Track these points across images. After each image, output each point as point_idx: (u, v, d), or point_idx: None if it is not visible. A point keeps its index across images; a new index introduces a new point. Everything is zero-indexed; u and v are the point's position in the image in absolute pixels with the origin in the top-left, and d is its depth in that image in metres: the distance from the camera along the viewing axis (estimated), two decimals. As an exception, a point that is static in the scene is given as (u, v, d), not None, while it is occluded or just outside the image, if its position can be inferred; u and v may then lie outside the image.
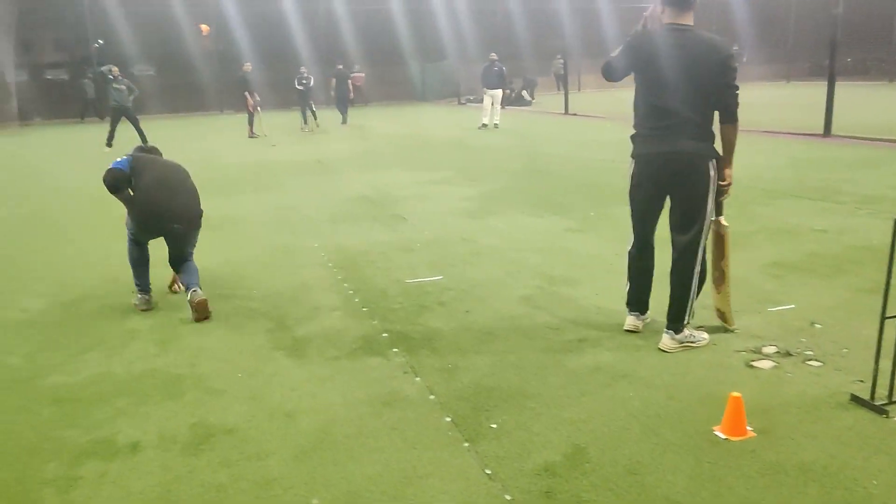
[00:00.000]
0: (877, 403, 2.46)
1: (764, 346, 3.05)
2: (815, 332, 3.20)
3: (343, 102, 16.84)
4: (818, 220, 5.32)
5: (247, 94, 14.05)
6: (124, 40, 21.76)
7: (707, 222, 2.97)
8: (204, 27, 23.64)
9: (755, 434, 2.33)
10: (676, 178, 2.94)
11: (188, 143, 14.11)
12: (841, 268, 4.13)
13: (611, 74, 3.05)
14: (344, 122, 16.83)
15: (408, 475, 2.20)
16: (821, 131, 10.17)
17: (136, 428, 2.58)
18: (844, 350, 2.98)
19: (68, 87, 22.62)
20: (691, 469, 2.16)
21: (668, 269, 3.06)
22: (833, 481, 2.08)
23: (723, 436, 2.33)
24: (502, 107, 15.15)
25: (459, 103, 24.03)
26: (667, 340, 3.02)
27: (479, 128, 14.34)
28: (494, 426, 2.46)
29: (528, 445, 2.32)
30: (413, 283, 4.12)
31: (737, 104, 2.87)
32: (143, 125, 12.96)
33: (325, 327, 3.49)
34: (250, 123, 14.25)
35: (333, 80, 17.03)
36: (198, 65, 23.21)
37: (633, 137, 3.07)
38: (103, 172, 3.70)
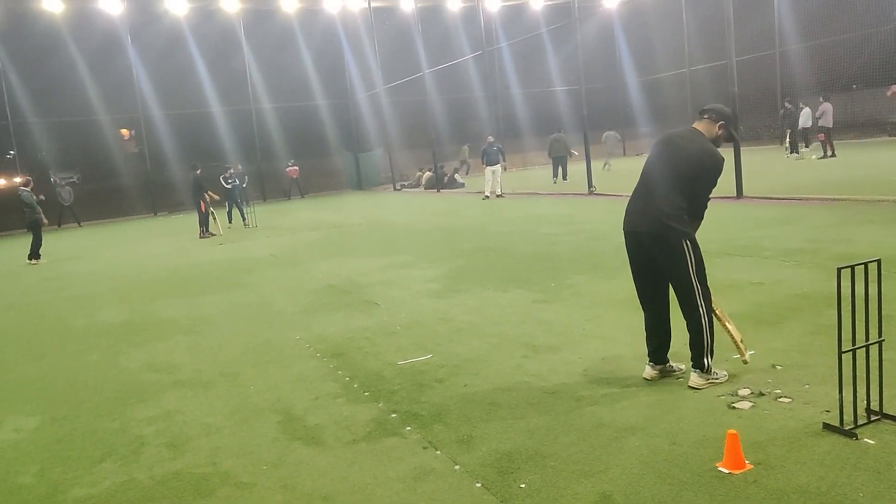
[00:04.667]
0: (846, 428, 2.84)
1: (738, 388, 3.42)
2: (778, 372, 3.61)
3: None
4: (753, 273, 5.95)
5: (206, 194, 13.92)
6: (44, 147, 21.75)
7: None
8: (124, 131, 24.29)
9: (752, 466, 2.63)
10: None
11: (130, 246, 13.83)
12: (783, 315, 4.65)
13: None
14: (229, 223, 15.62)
15: (456, 542, 2.33)
16: (734, 194, 11.33)
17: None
18: (806, 386, 3.39)
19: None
20: None
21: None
22: (827, 499, 2.39)
23: (726, 470, 2.62)
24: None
25: (395, 189, 24.84)
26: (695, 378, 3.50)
27: (483, 199, 16.25)
28: (523, 486, 2.64)
29: (560, 499, 2.52)
30: (406, 364, 4.30)
31: None
32: (73, 232, 12.66)
33: (334, 414, 3.59)
34: (203, 224, 14.06)
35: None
36: (123, 168, 23.46)
37: None
38: None
